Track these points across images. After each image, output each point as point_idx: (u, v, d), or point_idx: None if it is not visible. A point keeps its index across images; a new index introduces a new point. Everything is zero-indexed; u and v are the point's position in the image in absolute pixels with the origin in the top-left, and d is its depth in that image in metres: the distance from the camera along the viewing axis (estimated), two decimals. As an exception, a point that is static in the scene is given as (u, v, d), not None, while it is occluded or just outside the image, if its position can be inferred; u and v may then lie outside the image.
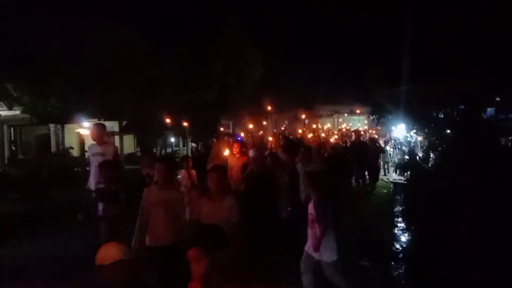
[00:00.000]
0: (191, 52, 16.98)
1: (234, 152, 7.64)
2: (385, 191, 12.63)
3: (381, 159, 15.65)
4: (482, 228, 5.26)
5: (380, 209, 10.10)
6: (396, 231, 8.25)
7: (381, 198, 11.54)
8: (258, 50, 19.53)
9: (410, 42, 9.35)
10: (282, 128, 23.33)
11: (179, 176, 7.16)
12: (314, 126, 21.91)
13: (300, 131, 17.45)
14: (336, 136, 16.72)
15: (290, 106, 24.28)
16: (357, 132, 15.69)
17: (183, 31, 16.76)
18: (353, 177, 11.94)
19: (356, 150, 12.28)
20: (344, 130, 22.64)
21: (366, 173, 12.61)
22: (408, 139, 15.47)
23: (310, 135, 15.08)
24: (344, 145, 14.28)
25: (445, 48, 8.96)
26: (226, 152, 7.50)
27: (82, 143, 16.54)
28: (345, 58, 21.40)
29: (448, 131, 7.64)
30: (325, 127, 24.18)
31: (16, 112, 17.16)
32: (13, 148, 20.46)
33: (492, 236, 5.06)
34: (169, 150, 22.24)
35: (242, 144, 8.20)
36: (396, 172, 14.57)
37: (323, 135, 17.71)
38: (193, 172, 7.29)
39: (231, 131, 22.01)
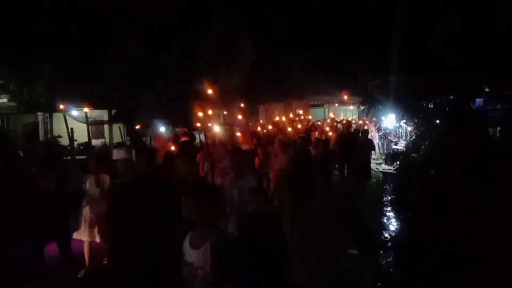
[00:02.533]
0: (182, 41, 16.83)
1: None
2: (375, 180, 12.70)
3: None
4: (472, 218, 5.31)
5: (369, 198, 10.17)
6: (385, 220, 8.32)
7: (370, 188, 11.61)
8: (250, 40, 19.41)
9: (400, 32, 9.36)
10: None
11: (85, 184, 5.81)
12: (277, 117, 18.35)
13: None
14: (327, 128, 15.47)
15: (282, 96, 24.24)
16: (347, 122, 13.97)
17: (174, 20, 16.60)
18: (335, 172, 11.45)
19: (344, 142, 11.04)
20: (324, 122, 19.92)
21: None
22: (403, 129, 15.30)
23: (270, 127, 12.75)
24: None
25: (436, 39, 8.98)
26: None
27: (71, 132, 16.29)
28: (336, 48, 21.35)
29: (438, 121, 7.67)
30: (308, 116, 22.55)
31: (3, 100, 16.91)
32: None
33: (482, 225, 5.12)
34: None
35: (192, 138, 6.83)
36: (385, 162, 14.63)
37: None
38: (105, 177, 5.66)
39: (221, 120, 21.92)
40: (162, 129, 13.19)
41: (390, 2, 10.29)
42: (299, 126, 13.33)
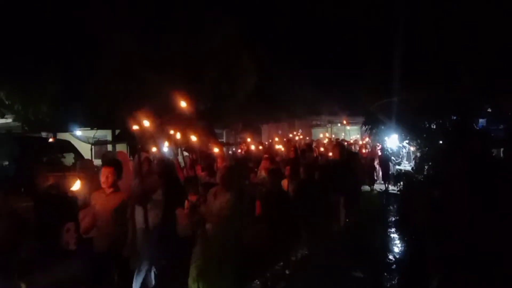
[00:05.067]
0: (185, 60, 16.97)
1: (103, 186, 4.43)
2: (378, 201, 12.62)
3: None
4: (475, 238, 5.26)
5: (373, 219, 10.09)
6: (389, 241, 8.23)
7: (374, 208, 11.53)
8: (252, 59, 19.56)
9: (403, 53, 9.44)
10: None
11: None
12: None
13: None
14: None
15: (285, 116, 24.34)
16: (337, 144, 9.85)
17: (177, 38, 16.79)
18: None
19: (333, 171, 7.75)
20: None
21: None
22: (406, 149, 15.01)
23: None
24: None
25: (438, 59, 9.06)
26: (76, 186, 4.46)
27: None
28: (339, 69, 21.58)
29: (441, 141, 7.67)
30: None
31: (8, 120, 17.02)
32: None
33: (485, 245, 5.07)
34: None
35: (118, 169, 4.56)
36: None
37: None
38: None
39: (224, 140, 21.94)
40: (165, 149, 13.05)
41: (391, 24, 10.42)
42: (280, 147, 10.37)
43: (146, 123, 5.05)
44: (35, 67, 14.46)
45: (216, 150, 7.62)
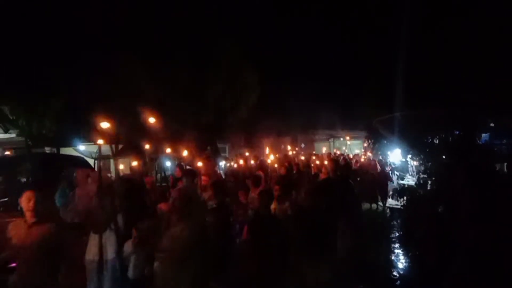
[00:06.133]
0: (188, 75, 17.09)
1: (26, 211, 3.62)
2: (381, 216, 12.54)
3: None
4: (479, 253, 5.22)
5: (376, 235, 10.01)
6: (393, 257, 8.16)
7: (377, 224, 11.46)
8: (255, 73, 19.68)
9: (406, 69, 9.50)
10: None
11: None
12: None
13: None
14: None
15: (288, 130, 24.34)
16: (331, 160, 8.49)
17: (181, 54, 16.94)
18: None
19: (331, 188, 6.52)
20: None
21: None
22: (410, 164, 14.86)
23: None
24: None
25: (441, 74, 9.09)
26: None
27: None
28: (341, 83, 21.65)
29: (444, 156, 7.66)
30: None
31: (12, 135, 17.12)
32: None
33: (490, 260, 5.02)
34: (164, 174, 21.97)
35: (41, 193, 3.77)
36: (392, 198, 14.43)
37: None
38: None
39: (227, 154, 21.94)
40: (168, 163, 13.09)
41: (393, 39, 10.49)
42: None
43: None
44: (39, 82, 14.61)
45: (199, 164, 6.69)
